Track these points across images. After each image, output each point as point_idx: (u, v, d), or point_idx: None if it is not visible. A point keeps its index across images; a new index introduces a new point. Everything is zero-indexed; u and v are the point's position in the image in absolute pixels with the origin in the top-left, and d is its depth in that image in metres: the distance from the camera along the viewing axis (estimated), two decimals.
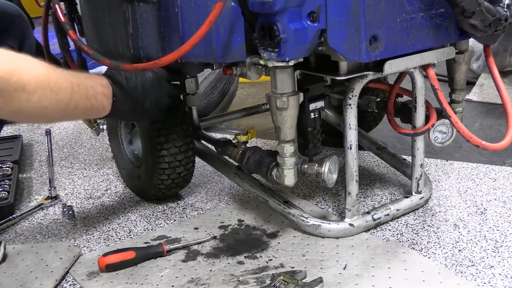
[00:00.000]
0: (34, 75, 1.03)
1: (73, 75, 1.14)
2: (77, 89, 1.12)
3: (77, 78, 1.14)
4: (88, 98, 1.15)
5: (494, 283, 1.18)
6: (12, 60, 1.00)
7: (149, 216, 1.53)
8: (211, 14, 1.10)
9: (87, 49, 1.42)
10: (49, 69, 1.07)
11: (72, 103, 1.11)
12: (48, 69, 1.07)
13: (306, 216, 1.37)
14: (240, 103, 2.36)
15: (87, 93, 1.15)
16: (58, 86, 1.08)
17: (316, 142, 1.39)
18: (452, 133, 1.44)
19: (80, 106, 1.14)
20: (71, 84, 1.11)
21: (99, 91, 1.19)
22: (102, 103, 1.21)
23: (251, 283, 1.20)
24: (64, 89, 1.09)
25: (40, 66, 1.05)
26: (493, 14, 1.21)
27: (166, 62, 1.19)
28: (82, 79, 1.15)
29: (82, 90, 1.14)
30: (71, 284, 1.25)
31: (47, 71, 1.06)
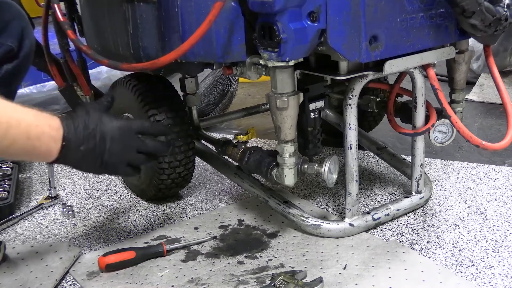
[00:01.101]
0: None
1: (15, 110, 1.02)
2: (15, 124, 0.99)
3: (20, 114, 1.02)
4: (29, 137, 1.01)
5: (494, 283, 1.18)
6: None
7: (149, 216, 1.53)
8: (211, 13, 1.10)
9: (85, 49, 1.43)
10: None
11: (7, 139, 0.98)
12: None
13: (306, 216, 1.37)
14: (240, 103, 2.36)
15: (29, 132, 1.01)
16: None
17: (316, 142, 1.39)
18: (452, 133, 1.44)
19: (18, 144, 1.00)
20: (9, 118, 0.99)
21: (45, 131, 1.05)
22: (48, 146, 1.05)
23: (251, 283, 1.20)
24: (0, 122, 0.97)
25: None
26: (493, 14, 1.21)
27: (165, 62, 1.19)
28: (27, 116, 1.03)
29: (23, 127, 1.00)
30: (71, 284, 1.25)
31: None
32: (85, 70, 1.72)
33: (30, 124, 1.02)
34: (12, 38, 1.39)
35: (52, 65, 1.72)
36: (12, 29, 1.38)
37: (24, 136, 1.01)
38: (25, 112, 1.03)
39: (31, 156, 1.06)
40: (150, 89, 1.50)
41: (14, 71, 1.43)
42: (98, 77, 2.45)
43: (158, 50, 1.32)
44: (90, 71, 1.79)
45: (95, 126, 1.12)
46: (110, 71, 2.47)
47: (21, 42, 1.41)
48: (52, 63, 1.72)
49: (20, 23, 1.40)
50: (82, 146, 1.09)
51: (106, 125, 1.14)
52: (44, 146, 1.05)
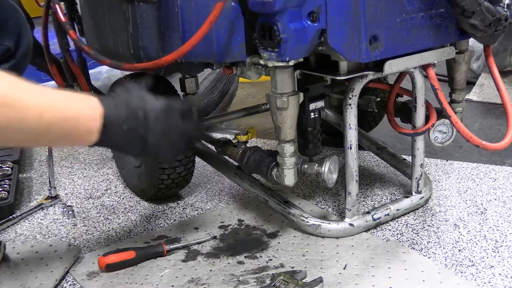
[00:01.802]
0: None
1: (46, 94, 0.95)
2: (49, 107, 0.92)
3: (52, 96, 0.95)
4: (66, 118, 0.94)
5: (494, 283, 1.18)
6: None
7: (149, 216, 1.53)
8: (211, 14, 1.10)
9: (87, 49, 1.43)
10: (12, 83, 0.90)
11: (42, 124, 0.91)
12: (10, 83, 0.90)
13: (306, 216, 1.37)
14: (240, 103, 2.36)
15: (65, 113, 0.94)
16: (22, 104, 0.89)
17: (316, 142, 1.39)
18: (452, 133, 1.44)
19: (54, 128, 0.93)
20: (41, 102, 0.92)
21: (83, 111, 0.98)
22: (87, 126, 0.98)
23: (251, 283, 1.20)
24: (31, 107, 0.90)
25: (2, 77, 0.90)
26: (493, 14, 1.21)
27: (167, 62, 1.19)
28: (60, 97, 0.96)
29: (57, 109, 0.94)
30: (71, 284, 1.25)
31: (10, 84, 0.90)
32: (85, 70, 1.72)
33: (65, 105, 0.95)
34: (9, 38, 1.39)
35: (52, 65, 1.72)
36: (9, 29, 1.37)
37: (60, 119, 0.94)
38: (57, 94, 0.97)
39: (71, 139, 0.99)
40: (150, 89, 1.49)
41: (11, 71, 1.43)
42: (98, 77, 2.45)
43: (158, 50, 1.32)
44: (90, 71, 1.79)
45: (137, 105, 1.04)
46: (110, 71, 2.47)
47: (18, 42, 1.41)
48: (52, 63, 1.72)
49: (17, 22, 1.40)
50: (124, 125, 1.02)
51: (149, 104, 1.06)
52: (83, 127, 0.97)
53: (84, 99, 1.00)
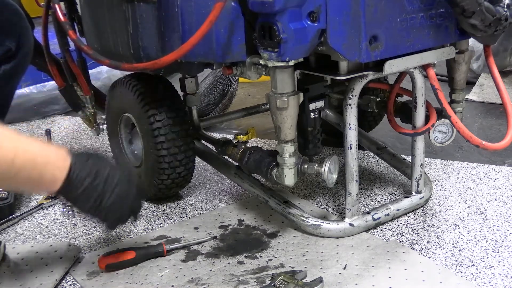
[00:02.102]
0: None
1: (22, 140, 1.02)
2: (22, 152, 0.99)
3: (27, 143, 1.02)
4: (35, 165, 1.01)
5: (494, 283, 1.18)
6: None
7: (149, 216, 1.53)
8: (211, 14, 1.10)
9: (87, 49, 1.43)
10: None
11: (14, 167, 0.98)
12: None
13: (306, 216, 1.37)
14: (240, 103, 2.36)
15: (35, 160, 1.01)
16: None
17: (316, 142, 1.39)
18: (452, 133, 1.44)
19: (24, 172, 1.00)
20: (16, 146, 0.99)
21: (51, 160, 1.05)
22: (53, 174, 1.05)
23: (251, 283, 1.20)
24: (6, 149, 0.97)
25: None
26: (493, 14, 1.21)
27: (166, 62, 1.19)
28: (33, 145, 1.03)
29: (29, 155, 1.01)
30: (71, 284, 1.25)
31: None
32: (85, 70, 1.72)
33: (36, 153, 1.02)
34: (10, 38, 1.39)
35: (52, 65, 1.72)
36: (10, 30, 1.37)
37: (31, 164, 1.00)
38: (32, 141, 1.04)
39: (37, 185, 1.06)
40: (150, 89, 1.50)
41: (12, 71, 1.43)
42: (98, 77, 2.45)
43: (158, 50, 1.32)
44: (90, 71, 1.79)
45: (102, 166, 1.11)
46: (110, 71, 2.47)
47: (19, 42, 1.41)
48: (52, 63, 1.72)
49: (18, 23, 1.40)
50: (87, 180, 1.08)
51: (113, 168, 1.13)
52: (50, 175, 1.04)
53: (55, 149, 1.07)
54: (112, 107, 1.65)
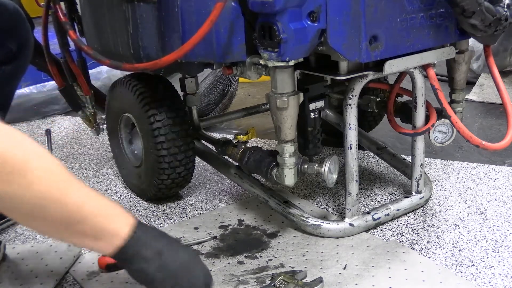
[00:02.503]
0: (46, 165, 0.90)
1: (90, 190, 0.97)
2: (90, 201, 0.95)
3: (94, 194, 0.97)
4: (102, 216, 0.96)
5: (494, 283, 1.18)
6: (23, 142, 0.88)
7: (149, 216, 1.53)
8: (212, 14, 1.10)
9: (87, 49, 1.43)
10: (61, 168, 0.93)
11: (79, 214, 0.93)
12: (60, 167, 0.93)
13: (306, 216, 1.37)
14: (240, 103, 2.36)
15: (102, 211, 0.96)
16: (69, 188, 0.92)
17: (316, 142, 1.39)
18: (452, 133, 1.44)
19: (88, 220, 0.94)
20: (85, 193, 0.95)
21: (118, 214, 0.98)
22: (118, 228, 0.97)
23: (251, 283, 1.20)
24: (75, 194, 0.93)
25: (52, 160, 0.92)
26: (493, 14, 1.21)
27: (167, 62, 1.19)
28: (100, 196, 0.98)
29: (97, 204, 0.96)
30: (71, 284, 1.25)
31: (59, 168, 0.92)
32: (85, 70, 1.72)
33: (105, 204, 0.97)
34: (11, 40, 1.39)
35: (52, 65, 1.72)
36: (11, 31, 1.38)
37: (97, 213, 0.95)
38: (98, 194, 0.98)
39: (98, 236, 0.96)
40: (150, 89, 1.50)
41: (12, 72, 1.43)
42: (98, 77, 2.45)
43: (158, 50, 1.32)
44: (90, 71, 1.79)
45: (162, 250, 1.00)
46: (110, 71, 2.47)
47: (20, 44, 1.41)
48: (52, 63, 1.72)
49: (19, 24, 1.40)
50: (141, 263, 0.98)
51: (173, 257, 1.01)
52: (113, 228, 0.96)
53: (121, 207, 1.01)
54: (112, 107, 1.65)
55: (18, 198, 0.87)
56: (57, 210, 0.91)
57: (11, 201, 0.88)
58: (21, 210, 0.90)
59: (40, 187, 0.88)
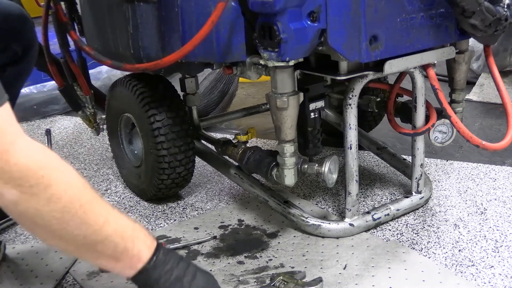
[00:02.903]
0: (67, 181, 0.89)
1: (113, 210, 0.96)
2: (112, 220, 0.94)
3: (117, 212, 0.97)
4: (123, 237, 0.95)
5: (494, 283, 1.18)
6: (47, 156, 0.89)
7: (149, 216, 1.53)
8: (213, 14, 1.10)
9: (88, 50, 1.43)
10: (86, 185, 0.93)
11: (101, 233, 0.92)
12: (85, 185, 0.92)
13: (306, 216, 1.37)
14: (240, 103, 2.36)
15: (124, 231, 0.95)
16: (91, 207, 0.91)
17: (316, 142, 1.39)
18: (452, 133, 1.44)
19: (109, 241, 0.93)
20: (108, 213, 0.94)
21: (140, 236, 0.98)
22: (139, 250, 0.97)
23: (251, 283, 1.20)
24: (97, 213, 0.92)
25: (77, 177, 0.92)
26: (493, 14, 1.21)
27: (168, 63, 1.19)
28: (124, 217, 0.97)
29: (119, 225, 0.95)
30: (71, 284, 1.25)
31: (83, 185, 0.92)
32: (85, 70, 1.72)
33: (127, 225, 0.96)
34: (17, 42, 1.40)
35: (52, 65, 1.72)
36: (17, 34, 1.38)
37: (120, 234, 0.94)
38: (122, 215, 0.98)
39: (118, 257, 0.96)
40: (150, 89, 1.50)
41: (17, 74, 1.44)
42: (98, 77, 2.45)
43: (158, 50, 1.32)
44: (90, 71, 1.79)
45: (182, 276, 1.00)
46: (110, 71, 2.47)
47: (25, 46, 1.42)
48: (52, 63, 1.72)
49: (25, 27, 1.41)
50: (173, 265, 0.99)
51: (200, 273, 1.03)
52: (136, 250, 0.96)
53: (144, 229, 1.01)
54: (112, 107, 1.65)
55: (39, 212, 0.86)
56: (78, 227, 0.90)
57: (32, 215, 0.87)
58: (41, 225, 0.89)
59: (61, 202, 0.87)
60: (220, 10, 1.09)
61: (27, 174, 0.84)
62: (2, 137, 0.82)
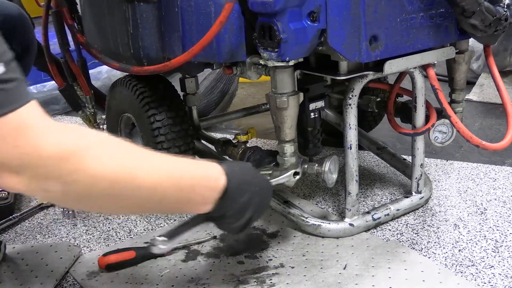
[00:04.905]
0: (104, 155, 0.85)
1: (165, 160, 0.95)
2: (165, 176, 0.92)
3: (171, 163, 0.95)
4: (181, 188, 0.94)
5: (494, 283, 1.18)
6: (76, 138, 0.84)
7: (149, 216, 1.53)
8: (222, 14, 1.10)
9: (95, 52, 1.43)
10: (127, 150, 0.90)
11: (157, 193, 0.91)
12: (126, 150, 0.90)
13: (306, 216, 1.37)
14: (240, 103, 2.36)
15: (180, 183, 0.94)
16: (138, 171, 0.88)
17: (316, 142, 1.39)
18: (452, 133, 1.44)
19: (169, 197, 0.93)
20: (158, 170, 0.91)
21: (201, 181, 0.97)
22: (203, 196, 0.98)
23: (251, 283, 1.20)
24: (147, 175, 0.89)
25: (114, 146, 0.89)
26: (493, 14, 1.21)
27: (177, 64, 1.20)
28: (179, 166, 0.96)
29: (174, 179, 0.93)
30: (71, 284, 1.25)
31: (123, 151, 0.89)
32: (85, 70, 1.72)
33: (182, 176, 0.95)
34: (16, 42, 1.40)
35: (52, 65, 1.72)
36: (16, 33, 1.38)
37: (176, 188, 0.94)
38: (175, 161, 0.97)
39: (185, 208, 1.00)
40: (150, 89, 1.50)
41: None
42: (98, 77, 2.45)
43: (158, 50, 1.32)
44: (90, 71, 1.79)
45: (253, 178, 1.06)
46: (110, 71, 2.47)
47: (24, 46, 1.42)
48: (52, 63, 1.72)
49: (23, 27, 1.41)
50: (242, 197, 1.02)
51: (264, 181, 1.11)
52: (200, 197, 0.98)
53: (205, 168, 1.00)
54: (112, 107, 1.65)
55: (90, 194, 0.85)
56: (133, 194, 0.88)
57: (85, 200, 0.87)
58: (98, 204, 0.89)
59: (106, 178, 0.85)
60: (228, 11, 1.10)
61: (62, 163, 0.81)
62: (29, 133, 0.80)
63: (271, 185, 1.18)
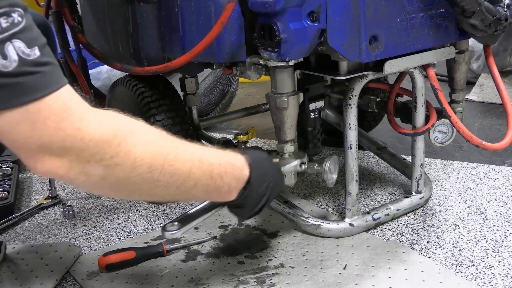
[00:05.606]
0: (143, 140, 0.88)
1: (196, 148, 0.98)
2: (198, 164, 0.95)
3: (201, 151, 0.98)
4: (212, 176, 0.97)
5: (494, 283, 1.18)
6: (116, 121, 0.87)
7: (149, 216, 1.53)
8: (223, 15, 1.10)
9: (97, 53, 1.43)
10: (163, 136, 0.93)
11: (190, 179, 0.94)
12: (162, 136, 0.93)
13: (306, 216, 1.37)
14: (240, 103, 2.36)
15: (211, 171, 0.97)
16: (174, 157, 0.91)
17: (316, 142, 1.39)
18: (452, 133, 1.44)
19: (200, 184, 0.96)
20: (192, 157, 0.95)
21: (228, 170, 1.01)
22: (230, 185, 1.02)
23: (251, 283, 1.20)
24: (182, 161, 0.92)
25: (152, 131, 0.91)
26: (493, 14, 1.21)
27: (178, 64, 1.20)
28: (208, 154, 0.99)
29: (206, 166, 0.96)
30: (71, 284, 1.25)
31: (160, 137, 0.92)
32: (85, 70, 1.72)
33: (212, 162, 0.98)
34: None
35: None
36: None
37: (207, 175, 0.97)
38: (207, 150, 1.01)
39: (211, 195, 1.03)
40: (150, 89, 1.50)
41: None
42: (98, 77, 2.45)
43: (158, 50, 1.32)
44: (90, 71, 1.79)
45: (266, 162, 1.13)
46: (110, 71, 2.47)
47: None
48: None
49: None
50: (261, 188, 1.08)
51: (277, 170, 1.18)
52: (226, 186, 1.01)
53: (232, 157, 1.04)
54: (112, 107, 1.64)
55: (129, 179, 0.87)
56: (168, 180, 0.91)
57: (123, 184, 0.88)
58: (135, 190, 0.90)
59: (145, 163, 0.87)
60: (230, 11, 1.10)
61: (104, 146, 0.82)
62: (71, 116, 0.80)
63: (282, 174, 1.23)
